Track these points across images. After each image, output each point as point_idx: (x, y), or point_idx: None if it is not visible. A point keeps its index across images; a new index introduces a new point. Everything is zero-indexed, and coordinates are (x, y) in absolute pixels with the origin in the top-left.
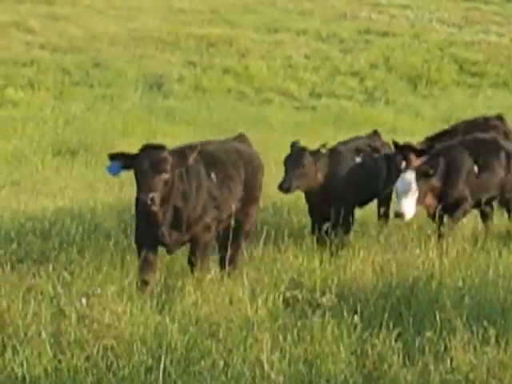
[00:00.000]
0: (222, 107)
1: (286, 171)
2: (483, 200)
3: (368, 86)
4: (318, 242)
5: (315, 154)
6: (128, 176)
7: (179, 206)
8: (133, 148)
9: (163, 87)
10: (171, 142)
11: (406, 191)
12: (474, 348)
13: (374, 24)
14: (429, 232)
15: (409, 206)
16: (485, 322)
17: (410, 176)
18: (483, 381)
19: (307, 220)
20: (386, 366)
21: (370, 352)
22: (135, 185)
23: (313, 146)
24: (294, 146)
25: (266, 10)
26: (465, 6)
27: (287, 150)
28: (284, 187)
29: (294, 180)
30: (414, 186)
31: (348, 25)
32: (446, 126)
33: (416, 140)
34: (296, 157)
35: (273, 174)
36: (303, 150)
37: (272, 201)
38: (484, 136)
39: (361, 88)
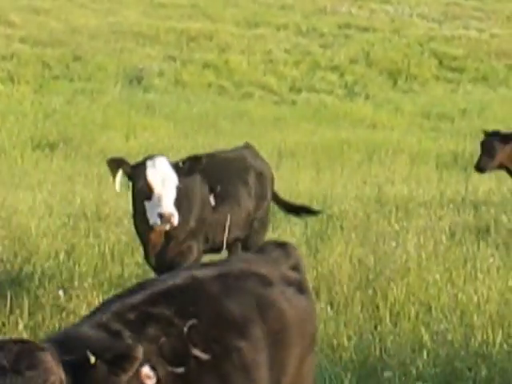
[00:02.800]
0: (202, 101)
1: None
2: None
3: (348, 81)
4: None
5: None
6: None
7: None
8: (112, 142)
9: (143, 81)
10: (151, 135)
11: (164, 182)
12: (452, 340)
13: (354, 19)
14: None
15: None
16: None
17: (162, 161)
18: (461, 373)
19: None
20: (362, 358)
21: (346, 344)
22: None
23: (292, 139)
24: None
25: (247, 5)
26: (445, 1)
27: (267, 145)
28: None
29: None
30: (171, 173)
31: (328, 19)
32: (425, 122)
33: (395, 135)
34: None
35: None
36: None
37: None
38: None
39: (341, 83)
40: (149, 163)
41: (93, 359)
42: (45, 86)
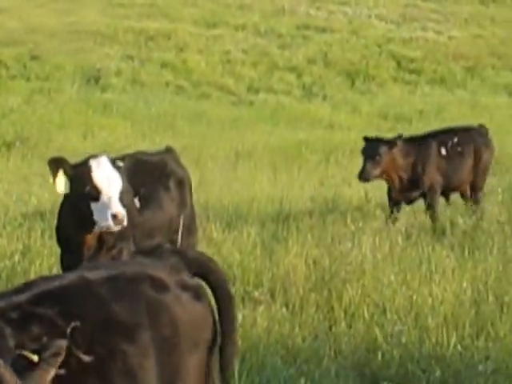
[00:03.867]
0: (160, 101)
1: None
2: None
3: (306, 82)
4: None
5: None
6: None
7: None
8: (69, 141)
9: (101, 80)
10: (109, 135)
11: (110, 182)
12: (406, 342)
13: (312, 19)
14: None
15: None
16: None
17: (105, 160)
18: (415, 374)
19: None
20: (317, 359)
21: (300, 345)
22: None
23: (249, 140)
24: None
25: (205, 4)
26: (403, 2)
27: (224, 146)
28: None
29: None
30: (115, 173)
31: (286, 20)
32: (383, 122)
33: (353, 135)
34: None
35: (209, 168)
36: None
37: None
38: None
39: (298, 83)
40: (93, 163)
41: (36, 358)
42: (2, 86)
